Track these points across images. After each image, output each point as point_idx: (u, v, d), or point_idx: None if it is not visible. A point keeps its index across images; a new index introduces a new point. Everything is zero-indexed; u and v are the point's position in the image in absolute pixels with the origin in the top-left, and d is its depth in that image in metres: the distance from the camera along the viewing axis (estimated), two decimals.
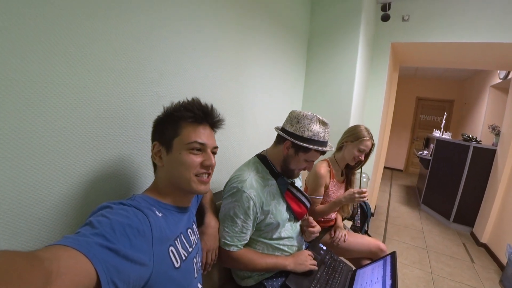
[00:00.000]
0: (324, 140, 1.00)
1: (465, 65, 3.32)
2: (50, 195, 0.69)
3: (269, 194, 1.01)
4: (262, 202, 0.98)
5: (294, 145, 0.99)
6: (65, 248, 0.41)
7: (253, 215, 0.96)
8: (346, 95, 2.11)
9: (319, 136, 0.98)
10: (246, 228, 0.96)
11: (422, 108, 6.47)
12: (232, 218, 0.95)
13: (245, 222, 0.95)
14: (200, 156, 0.73)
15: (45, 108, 0.66)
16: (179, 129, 0.72)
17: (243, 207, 0.94)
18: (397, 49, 2.84)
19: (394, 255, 1.14)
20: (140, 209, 0.60)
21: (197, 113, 0.73)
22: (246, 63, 1.48)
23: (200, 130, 0.74)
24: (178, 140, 0.71)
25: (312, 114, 0.99)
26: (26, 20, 0.60)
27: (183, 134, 0.71)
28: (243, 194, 0.94)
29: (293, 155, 1.01)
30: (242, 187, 0.95)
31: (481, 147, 3.09)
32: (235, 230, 0.95)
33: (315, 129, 0.98)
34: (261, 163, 1.07)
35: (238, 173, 1.02)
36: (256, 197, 0.96)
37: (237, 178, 0.98)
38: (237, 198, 0.94)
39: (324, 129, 1.00)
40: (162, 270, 0.60)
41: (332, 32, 2.14)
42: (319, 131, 0.98)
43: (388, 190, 4.92)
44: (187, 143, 0.71)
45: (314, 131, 0.97)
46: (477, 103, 4.61)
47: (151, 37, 0.92)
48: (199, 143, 0.72)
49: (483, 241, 2.85)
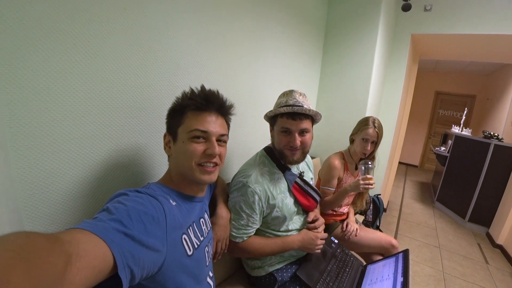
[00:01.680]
0: (288, 104, 0.96)
1: (491, 58, 3.15)
2: (69, 182, 0.72)
3: (275, 188, 1.01)
4: (268, 197, 0.98)
5: (270, 123, 1.04)
6: (84, 232, 0.42)
7: (258, 209, 0.97)
8: (363, 88, 2.06)
9: (281, 104, 0.99)
10: (252, 221, 0.97)
11: (441, 103, 6.22)
12: (238, 212, 0.96)
13: (251, 216, 0.96)
14: (203, 144, 0.71)
15: (64, 98, 0.68)
16: (183, 117, 0.72)
17: (248, 201, 0.95)
18: (417, 41, 2.72)
19: (406, 253, 1.12)
20: (155, 197, 0.61)
21: (199, 101, 0.72)
22: (260, 53, 1.46)
23: (205, 118, 0.72)
24: (181, 129, 0.71)
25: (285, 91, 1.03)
26: (47, 14, 0.62)
27: (186, 123, 0.71)
28: (248, 189, 0.95)
29: (273, 133, 1.04)
30: (247, 182, 0.95)
31: (503, 145, 2.95)
32: (241, 223, 0.97)
33: (280, 100, 1.01)
34: (268, 157, 1.06)
35: (245, 167, 1.03)
36: (262, 191, 0.96)
37: (243, 172, 0.99)
38: (242, 193, 0.95)
39: (286, 98, 0.99)
40: (175, 257, 0.61)
41: (350, 22, 2.07)
42: (282, 99, 1.00)
43: (402, 185, 4.82)
44: (188, 131, 0.70)
45: (278, 102, 1.01)
46: (501, 98, 4.39)
47: (167, 28, 0.92)
48: (200, 131, 0.70)
49: (499, 242, 2.76)
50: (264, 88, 1.55)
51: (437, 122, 6.28)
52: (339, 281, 1.07)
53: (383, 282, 1.01)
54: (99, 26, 0.72)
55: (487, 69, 5.13)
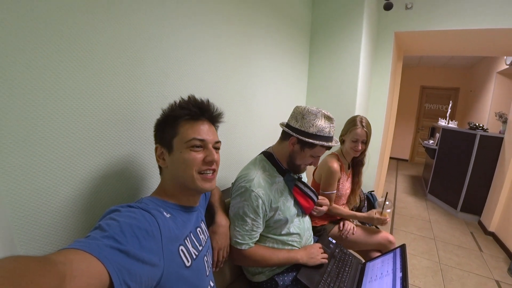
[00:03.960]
0: (330, 135, 1.00)
1: (471, 52, 3.26)
2: (60, 201, 0.70)
3: (277, 192, 1.02)
4: (271, 200, 0.99)
5: (299, 141, 0.98)
6: (77, 252, 0.42)
7: (262, 213, 0.97)
8: (351, 87, 2.09)
9: (324, 132, 0.97)
10: (256, 226, 0.97)
11: (427, 97, 6.39)
12: (242, 218, 0.95)
13: (255, 221, 0.96)
14: (202, 152, 0.73)
15: (52, 115, 0.67)
16: (177, 128, 0.72)
17: (252, 206, 0.94)
18: (401, 39, 2.79)
19: (403, 248, 1.13)
20: (148, 211, 0.61)
21: (193, 109, 0.73)
22: (249, 58, 1.47)
23: (199, 127, 0.73)
24: (177, 140, 0.71)
25: (317, 109, 0.98)
26: (28, 25, 0.60)
27: (181, 133, 0.71)
28: (252, 193, 0.94)
29: (299, 151, 1.00)
30: (250, 186, 0.95)
31: (488, 135, 3.04)
32: (246, 229, 0.96)
33: (320, 125, 0.97)
34: (267, 161, 1.06)
35: (245, 172, 1.01)
36: (265, 195, 0.96)
37: (245, 177, 0.98)
38: (245, 198, 0.95)
39: (329, 124, 0.99)
40: (173, 270, 0.61)
41: (334, 23, 2.11)
42: (324, 126, 0.97)
43: (394, 180, 4.90)
44: (186, 141, 0.70)
45: (319, 127, 0.96)
46: (484, 90, 4.54)
47: (152, 36, 0.91)
48: (198, 140, 0.71)
49: (491, 230, 2.84)
50: (254, 93, 1.55)
51: (424, 116, 6.44)
52: (340, 281, 1.07)
53: (382, 279, 1.01)
54: (85, 39, 0.71)
55: (469, 62, 5.30)
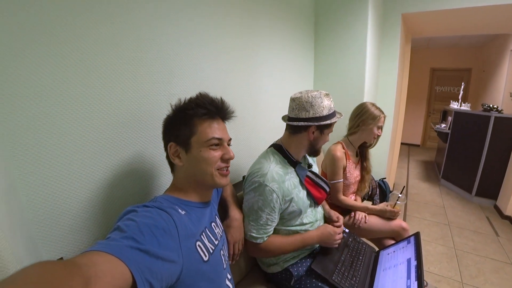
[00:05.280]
0: (334, 109, 1.06)
1: (483, 30, 3.12)
2: (78, 203, 0.73)
3: (290, 184, 1.02)
4: (284, 193, 0.99)
5: (318, 127, 1.01)
6: (100, 253, 0.43)
7: (277, 207, 0.97)
8: (358, 72, 2.05)
9: (331, 108, 1.03)
10: (271, 220, 0.98)
11: (437, 80, 6.19)
12: (256, 212, 0.96)
13: (270, 215, 0.97)
14: (219, 150, 0.76)
15: (63, 121, 0.68)
16: (194, 127, 0.73)
17: (267, 200, 0.95)
18: (408, 21, 2.70)
19: (418, 235, 1.12)
20: (164, 209, 0.62)
21: (210, 108, 0.74)
22: (253, 51, 1.45)
23: (215, 125, 0.75)
24: (195, 139, 0.72)
25: (317, 92, 1.00)
26: (36, 36, 0.61)
27: (200, 132, 0.72)
28: (266, 187, 0.95)
29: (319, 135, 1.04)
30: (264, 181, 0.95)
31: (503, 117, 2.94)
32: (260, 223, 0.97)
33: (327, 104, 1.01)
34: (278, 154, 1.06)
35: (258, 166, 1.01)
36: (279, 189, 0.96)
37: (258, 172, 0.98)
38: (260, 192, 0.95)
39: (330, 100, 1.03)
40: (192, 265, 0.62)
41: (338, 8, 2.05)
42: (329, 103, 1.02)
43: (406, 166, 4.83)
44: (205, 140, 0.72)
45: (327, 106, 1.01)
46: (497, 70, 4.37)
47: (155, 34, 0.91)
48: (217, 139, 0.74)
49: (508, 214, 2.77)
50: (260, 86, 1.54)
51: (435, 99, 6.26)
52: (354, 270, 1.08)
53: (397, 267, 1.01)
54: (88, 44, 0.71)
55: (480, 41, 5.10)
